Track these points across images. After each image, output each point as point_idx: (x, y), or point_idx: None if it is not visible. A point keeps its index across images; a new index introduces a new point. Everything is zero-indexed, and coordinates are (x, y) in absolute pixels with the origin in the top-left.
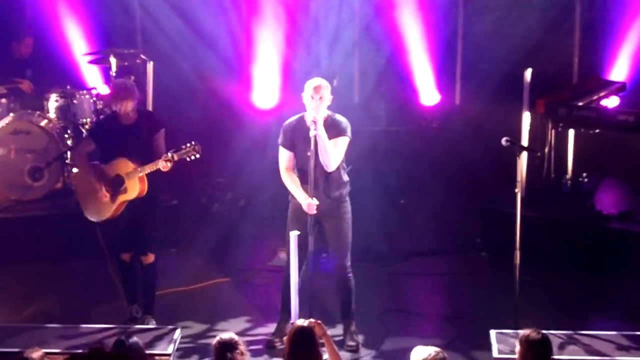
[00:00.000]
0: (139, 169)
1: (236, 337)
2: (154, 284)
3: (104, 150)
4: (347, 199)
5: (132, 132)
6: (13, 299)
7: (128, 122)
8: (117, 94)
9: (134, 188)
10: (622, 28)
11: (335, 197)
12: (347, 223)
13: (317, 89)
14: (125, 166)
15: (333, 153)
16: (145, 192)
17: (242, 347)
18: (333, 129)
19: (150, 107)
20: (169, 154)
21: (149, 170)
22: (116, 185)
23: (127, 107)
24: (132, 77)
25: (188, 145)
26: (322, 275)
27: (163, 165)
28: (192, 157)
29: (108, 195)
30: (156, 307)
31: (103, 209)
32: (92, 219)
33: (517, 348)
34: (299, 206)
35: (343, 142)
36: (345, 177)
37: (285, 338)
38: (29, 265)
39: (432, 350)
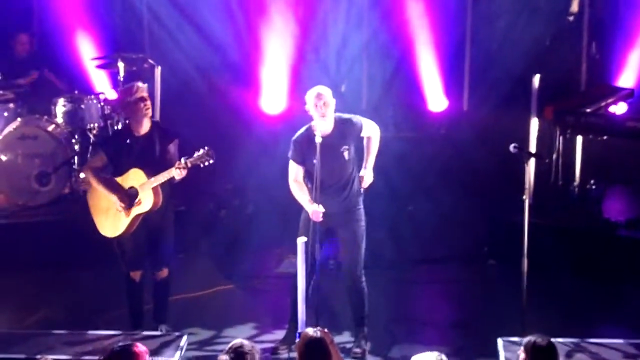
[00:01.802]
0: (152, 180)
1: (247, 343)
2: (167, 299)
3: (117, 163)
4: (361, 206)
5: (145, 144)
6: (18, 305)
7: (141, 133)
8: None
9: (148, 200)
10: (630, 34)
11: (349, 204)
12: (362, 231)
13: (319, 96)
14: (138, 177)
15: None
16: (160, 204)
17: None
18: (352, 129)
19: (157, 112)
20: (183, 161)
21: (163, 180)
22: (130, 197)
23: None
24: (140, 82)
25: (201, 150)
26: (329, 282)
27: (177, 173)
28: (206, 163)
29: (123, 208)
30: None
31: (118, 223)
32: (108, 235)
33: (522, 356)
34: (308, 215)
35: (368, 127)
36: (359, 185)
37: (293, 346)
38: (35, 271)
39: (432, 355)
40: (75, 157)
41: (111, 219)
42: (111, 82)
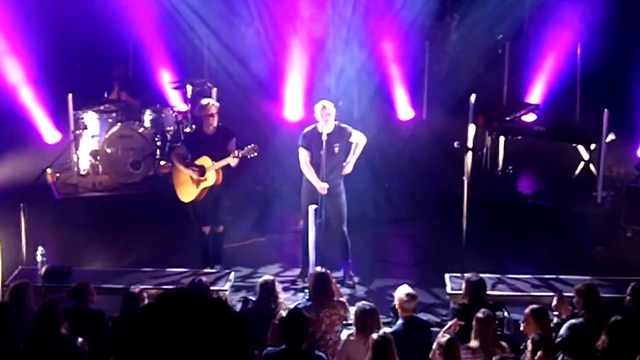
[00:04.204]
0: (216, 164)
1: (272, 279)
2: (222, 247)
3: (192, 152)
4: (342, 185)
5: (212, 139)
6: (118, 250)
7: (209, 133)
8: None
9: (212, 177)
10: (537, 66)
11: (336, 183)
12: (344, 200)
13: (324, 108)
14: (206, 162)
15: (360, 150)
16: (220, 182)
17: (277, 286)
18: (345, 134)
19: None
20: (237, 152)
21: (223, 164)
22: (200, 174)
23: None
24: (213, 100)
25: (249, 146)
26: (327, 239)
27: (233, 160)
28: (252, 155)
29: (194, 180)
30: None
31: (190, 192)
32: (185, 200)
33: (464, 286)
34: (311, 188)
35: (357, 136)
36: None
37: (306, 279)
38: (129, 226)
39: (406, 287)
40: (158, 151)
41: (186, 190)
42: (182, 99)
